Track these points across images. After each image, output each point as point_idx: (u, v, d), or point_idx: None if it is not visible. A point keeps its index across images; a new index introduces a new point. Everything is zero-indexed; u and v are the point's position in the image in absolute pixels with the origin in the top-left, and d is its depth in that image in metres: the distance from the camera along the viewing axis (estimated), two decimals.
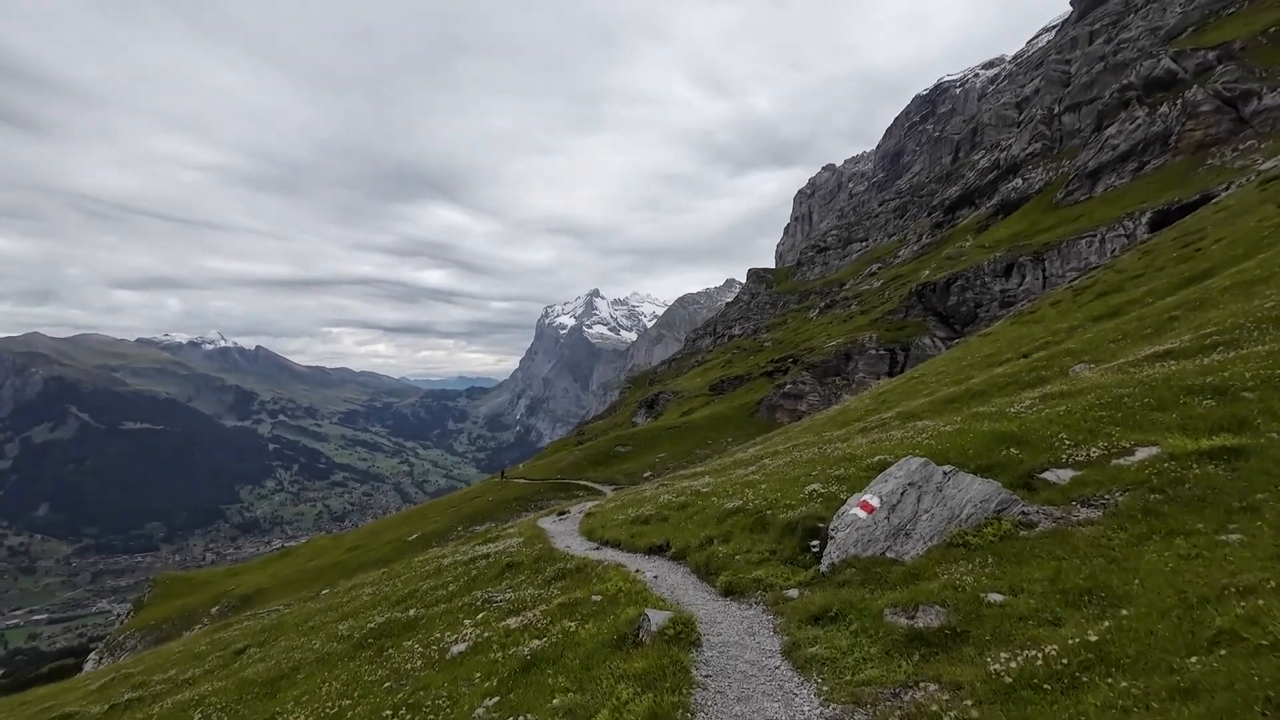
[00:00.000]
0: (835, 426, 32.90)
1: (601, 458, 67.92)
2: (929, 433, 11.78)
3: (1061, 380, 18.84)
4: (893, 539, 6.94)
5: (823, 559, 7.55)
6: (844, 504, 8.17)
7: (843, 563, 7.04)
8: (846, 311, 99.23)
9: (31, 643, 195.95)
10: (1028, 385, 21.70)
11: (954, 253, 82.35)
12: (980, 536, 6.38)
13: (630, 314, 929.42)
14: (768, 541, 8.91)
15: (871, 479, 9.23)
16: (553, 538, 15.70)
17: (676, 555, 10.47)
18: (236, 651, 14.08)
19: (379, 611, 12.56)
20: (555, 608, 8.22)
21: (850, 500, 8.08)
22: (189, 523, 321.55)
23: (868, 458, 11.23)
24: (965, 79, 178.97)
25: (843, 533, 7.41)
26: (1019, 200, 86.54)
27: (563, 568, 10.78)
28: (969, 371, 34.20)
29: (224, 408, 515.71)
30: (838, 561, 7.13)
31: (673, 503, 14.18)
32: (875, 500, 7.45)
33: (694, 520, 11.78)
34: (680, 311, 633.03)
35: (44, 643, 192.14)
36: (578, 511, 20.90)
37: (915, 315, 76.74)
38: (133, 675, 15.89)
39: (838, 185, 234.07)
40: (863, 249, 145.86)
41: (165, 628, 61.86)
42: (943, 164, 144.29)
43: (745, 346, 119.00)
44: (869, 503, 7.49)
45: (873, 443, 13.59)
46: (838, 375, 75.29)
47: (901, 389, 39.18)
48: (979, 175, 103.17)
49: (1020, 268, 65.93)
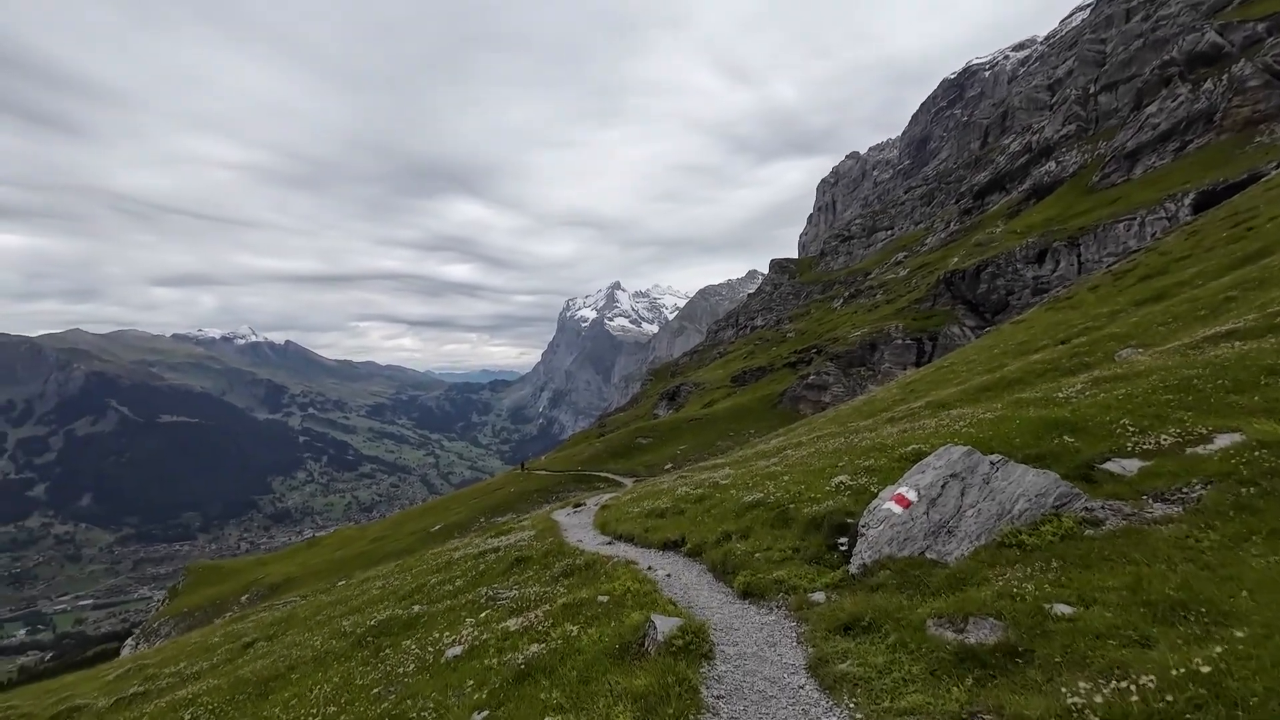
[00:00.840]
0: (861, 417, 31.84)
1: (622, 450, 67.60)
2: (967, 420, 10.85)
3: (1109, 365, 17.62)
4: (933, 537, 6.13)
5: (852, 559, 6.76)
6: (876, 498, 7.36)
7: (875, 563, 6.25)
8: (871, 301, 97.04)
9: (78, 627, 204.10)
10: (1069, 372, 20.46)
11: (984, 239, 79.79)
12: (1037, 535, 5.53)
13: (651, 306, 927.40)
14: (790, 538, 8.14)
15: (905, 470, 8.39)
16: (565, 531, 15.13)
17: (692, 552, 9.77)
18: (245, 645, 13.84)
19: (385, 606, 12.12)
20: (559, 608, 7.58)
21: (883, 494, 7.27)
22: (224, 513, 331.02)
23: (900, 447, 10.36)
24: (994, 61, 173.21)
25: (875, 529, 6.62)
26: (1052, 184, 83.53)
27: (571, 564, 10.16)
28: (1002, 359, 32.86)
29: (256, 401, 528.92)
30: (869, 562, 6.34)
31: (690, 495, 13.46)
32: (912, 493, 6.64)
33: (711, 514, 11.06)
34: (702, 303, 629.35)
35: (89, 627, 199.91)
36: (594, 504, 20.33)
37: (943, 304, 74.60)
38: (147, 667, 15.83)
39: (862, 173, 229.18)
40: (888, 237, 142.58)
41: (197, 615, 63.39)
42: (971, 150, 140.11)
43: (768, 337, 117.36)
44: (905, 496, 6.68)
45: (903, 432, 12.68)
46: (863, 366, 73.66)
47: (930, 378, 37.86)
48: (1010, 159, 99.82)
49: (1054, 253, 63.48)
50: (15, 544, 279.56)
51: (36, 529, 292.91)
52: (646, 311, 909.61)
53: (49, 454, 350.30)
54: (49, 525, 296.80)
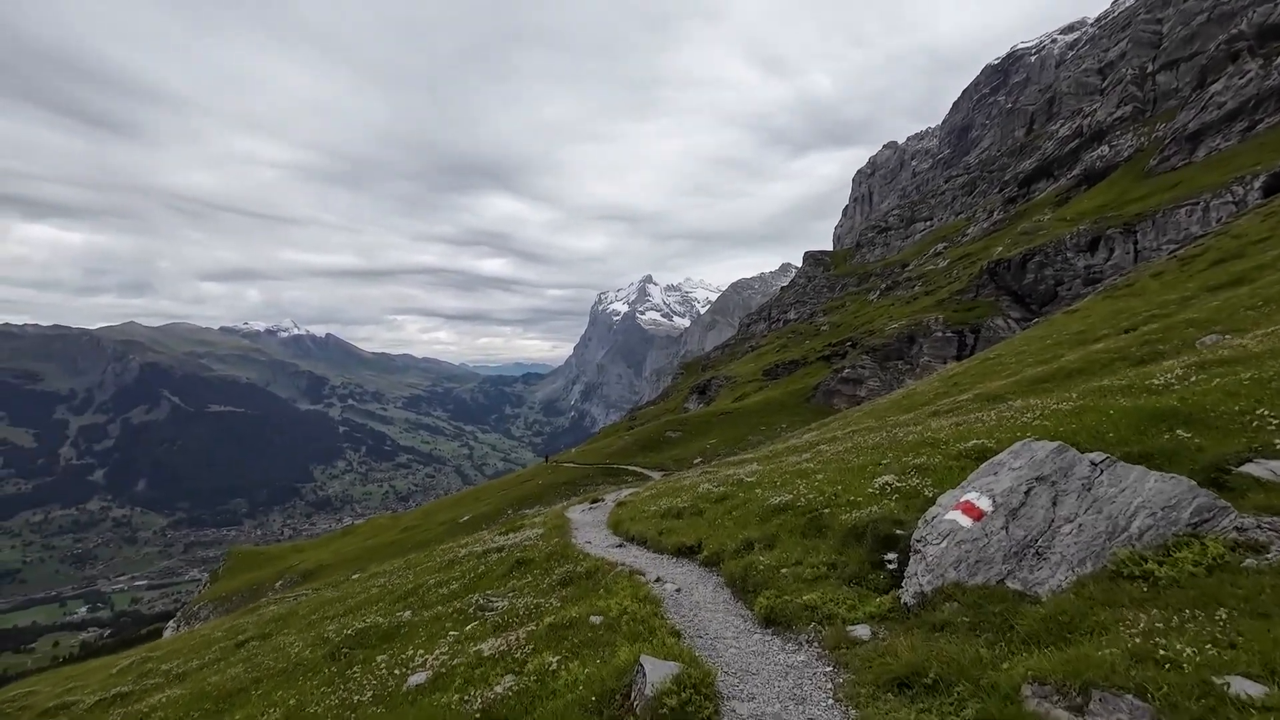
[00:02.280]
0: (900, 411, 29.97)
1: (651, 443, 66.55)
2: (1036, 412, 9.18)
3: (1192, 352, 15.57)
4: (1016, 560, 4.65)
5: (905, 582, 5.31)
6: (934, 505, 5.88)
7: (938, 592, 4.80)
8: (910, 293, 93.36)
9: (134, 606, 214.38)
10: (1141, 361, 18.41)
11: (1030, 227, 75.75)
12: (1173, 565, 3.99)
13: (683, 300, 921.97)
14: (825, 550, 6.71)
15: (967, 470, 6.85)
16: (576, 530, 13.94)
17: (708, 561, 8.42)
18: (238, 644, 13.13)
19: (376, 609, 11.15)
20: (544, 630, 6.35)
21: (944, 499, 5.79)
22: (269, 499, 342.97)
23: (956, 442, 8.78)
24: (1041, 45, 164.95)
25: (936, 546, 5.15)
26: (1105, 170, 78.96)
27: (571, 570, 8.94)
28: (1057, 350, 30.56)
29: (298, 392, 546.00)
30: (929, 590, 4.88)
31: (711, 494, 12.07)
32: (984, 501, 5.15)
33: (733, 516, 9.67)
34: (734, 297, 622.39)
35: (144, 606, 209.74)
36: (612, 500, 19.13)
37: (986, 295, 71.09)
38: (149, 661, 15.37)
39: (900, 164, 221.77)
40: (927, 228, 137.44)
41: (234, 599, 64.95)
42: (1015, 137, 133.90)
43: (801, 331, 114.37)
44: (974, 505, 5.19)
45: (958, 425, 11.03)
46: (900, 359, 70.79)
47: (976, 371, 35.58)
48: (1058, 145, 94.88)
49: (1108, 241, 59.69)
50: (77, 526, 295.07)
51: (96, 512, 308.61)
52: (678, 305, 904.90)
53: (107, 441, 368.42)
54: (107, 509, 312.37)
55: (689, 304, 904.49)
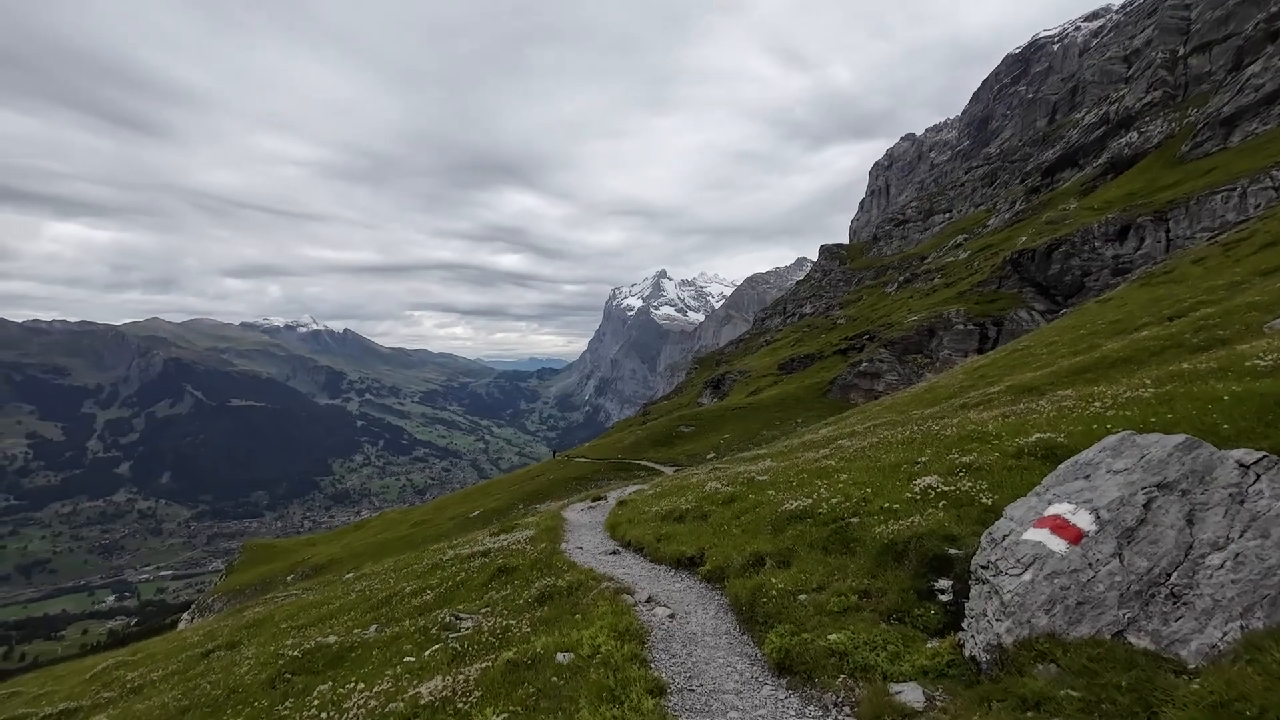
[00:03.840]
0: (923, 405, 28.39)
1: (664, 438, 65.39)
2: (1106, 401, 7.66)
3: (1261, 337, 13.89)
4: (1141, 603, 3.24)
5: (969, 626, 3.90)
6: (1001, 518, 4.45)
7: (1024, 645, 3.40)
8: (929, 285, 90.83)
9: (159, 595, 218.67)
10: (1199, 348, 16.71)
11: (1055, 217, 73.13)
12: None
13: (698, 295, 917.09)
14: (854, 572, 5.30)
15: (1035, 471, 5.38)
16: (570, 532, 12.65)
17: (711, 576, 7.06)
18: (204, 653, 12.09)
19: (346, 620, 9.99)
20: (501, 667, 5.06)
21: (1015, 511, 4.36)
22: (289, 492, 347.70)
23: (1013, 436, 7.28)
24: (1064, 33, 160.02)
25: (1015, 578, 3.74)
26: (1133, 157, 76.20)
27: (552, 585, 7.65)
28: (1093, 340, 28.83)
29: (317, 387, 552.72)
30: (1011, 642, 3.47)
31: (718, 494, 10.69)
32: (1083, 516, 3.73)
33: (740, 523, 8.29)
34: (749, 291, 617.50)
35: (169, 596, 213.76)
36: (614, 498, 17.82)
37: (1009, 287, 68.78)
38: (120, 667, 14.45)
39: (918, 156, 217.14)
40: (946, 220, 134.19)
41: (247, 592, 64.98)
42: (1037, 127, 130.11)
43: (817, 325, 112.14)
44: (1067, 521, 3.77)
45: (1005, 417, 9.50)
46: (919, 353, 68.72)
47: (1003, 362, 33.87)
48: (1083, 133, 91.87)
49: (1138, 230, 57.27)
50: (105, 517, 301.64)
51: (123, 504, 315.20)
52: (693, 300, 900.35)
53: (133, 434, 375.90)
54: (134, 501, 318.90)
55: (703, 299, 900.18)
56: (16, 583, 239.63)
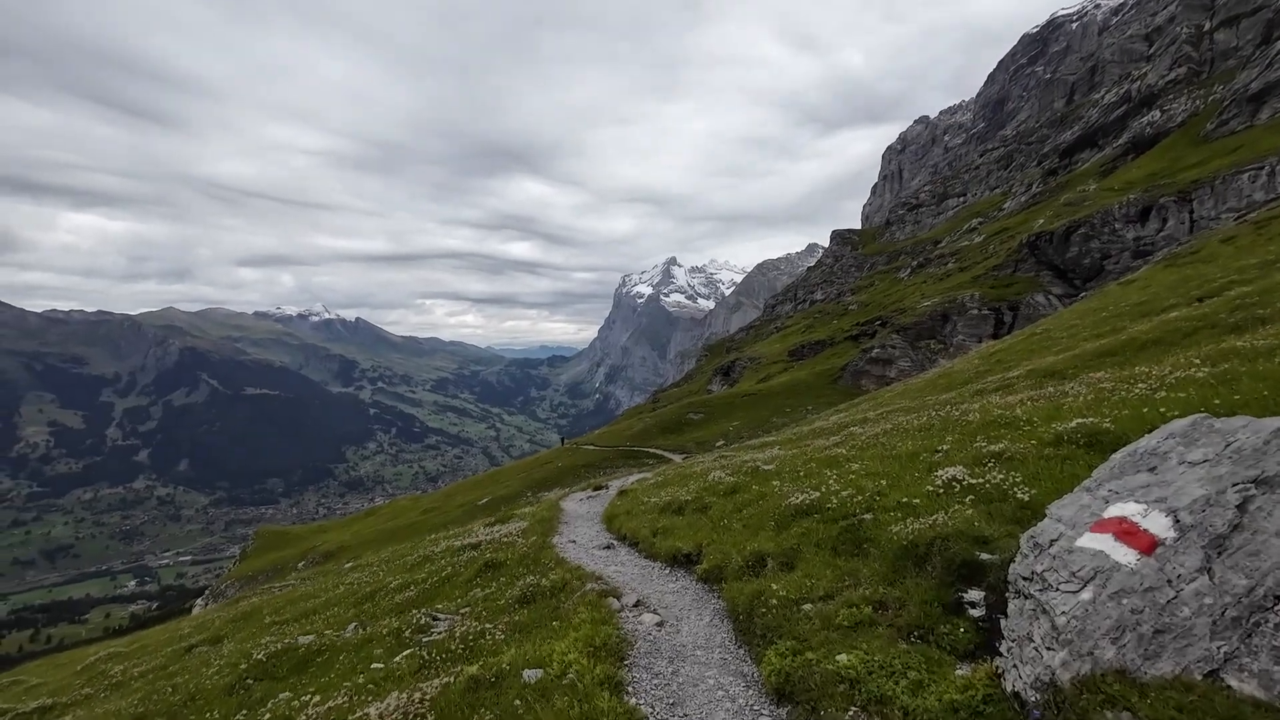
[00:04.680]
0: (938, 391, 27.52)
1: (672, 425, 64.90)
2: (1151, 382, 6.84)
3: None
4: (1242, 633, 2.51)
5: (1010, 652, 3.18)
6: (1045, 517, 3.71)
7: (1086, 684, 2.67)
8: (943, 270, 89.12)
9: (179, 580, 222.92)
10: (1237, 328, 15.75)
11: (1074, 199, 71.18)
12: None
13: (708, 282, 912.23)
14: (867, 578, 4.59)
15: (1079, 462, 4.61)
16: (565, 524, 12.03)
17: (708, 576, 6.39)
18: (188, 648, 11.71)
19: (326, 617, 9.46)
20: (462, 685, 4.43)
21: (1063, 510, 3.61)
22: (303, 479, 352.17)
23: (1048, 422, 6.48)
24: (1083, 11, 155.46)
25: (1071, 596, 3.01)
26: (1155, 136, 73.92)
27: (536, 584, 7.02)
28: (1116, 322, 27.78)
29: (330, 375, 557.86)
30: (1068, 680, 2.74)
31: (720, 484, 9.98)
32: (1157, 518, 2.98)
33: (742, 516, 7.59)
34: (759, 278, 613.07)
35: (189, 580, 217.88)
36: (616, 487, 17.21)
37: (1026, 270, 67.24)
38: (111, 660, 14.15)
39: (931, 139, 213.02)
40: (960, 204, 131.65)
41: (259, 578, 65.67)
42: (1055, 108, 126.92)
43: (828, 311, 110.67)
44: (1138, 525, 3.03)
45: (1033, 400, 8.66)
46: (932, 338, 67.48)
47: (1020, 347, 32.85)
48: (1103, 112, 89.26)
49: (1160, 210, 55.54)
50: (125, 504, 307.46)
51: (142, 490, 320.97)
52: (703, 287, 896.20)
53: (150, 422, 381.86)
54: (152, 487, 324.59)
55: (713, 286, 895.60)
56: (41, 567, 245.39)
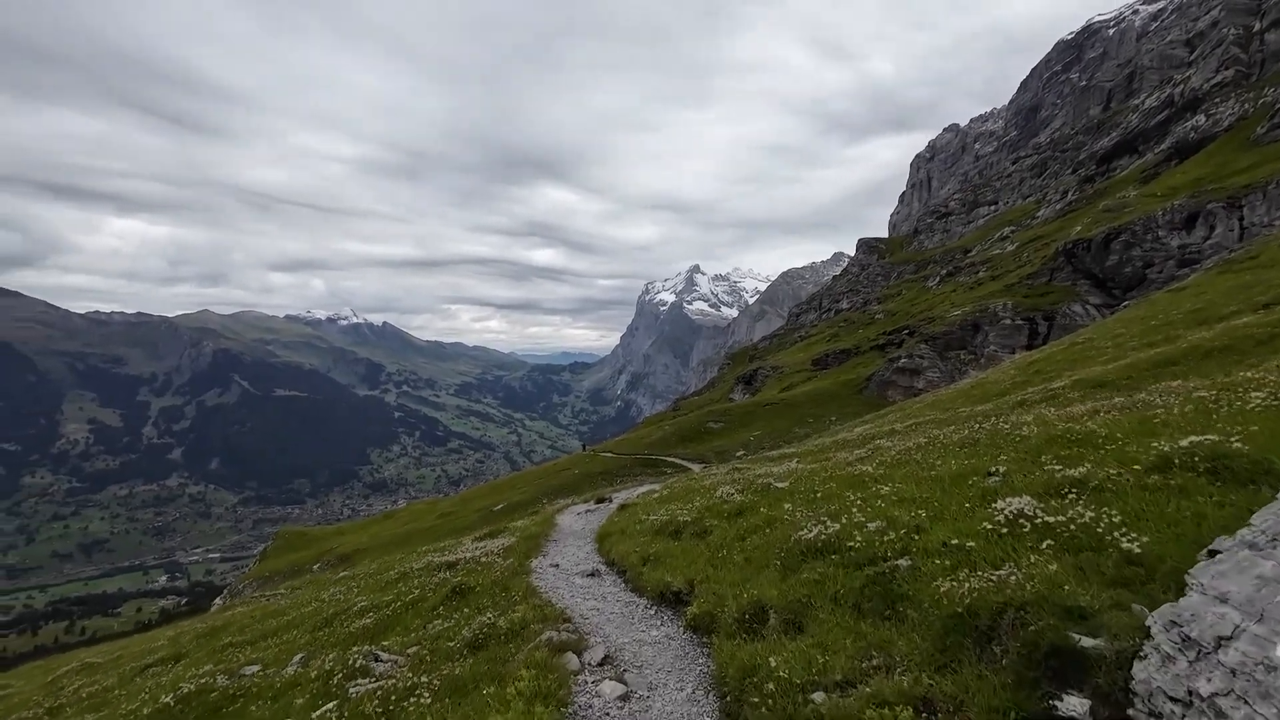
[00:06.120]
0: (971, 402, 25.68)
1: (692, 434, 63.55)
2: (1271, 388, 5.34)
3: None
4: None
5: None
6: (1193, 594, 2.35)
7: None
8: (973, 278, 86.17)
9: (208, 576, 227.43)
10: None
11: (1114, 205, 68.12)
12: None
13: (731, 290, 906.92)
14: (905, 658, 3.19)
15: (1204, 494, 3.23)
16: (553, 542, 10.79)
17: (697, 623, 5.08)
18: (144, 667, 10.78)
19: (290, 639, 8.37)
20: None
21: (1230, 586, 2.25)
22: (329, 480, 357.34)
23: (1139, 438, 4.93)
24: (1121, 16, 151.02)
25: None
26: (1200, 141, 70.54)
27: (491, 625, 5.78)
28: (1169, 331, 25.70)
29: (356, 378, 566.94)
30: None
31: (724, 504, 8.61)
32: None
33: (745, 547, 6.21)
34: (784, 287, 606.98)
35: (217, 577, 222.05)
36: (620, 500, 15.93)
37: (1062, 279, 64.34)
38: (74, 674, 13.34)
39: (961, 147, 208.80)
40: (991, 213, 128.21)
41: (275, 579, 65.73)
42: (1090, 115, 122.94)
43: (853, 320, 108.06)
44: None
45: (1104, 412, 7.06)
46: (962, 348, 64.84)
47: (1061, 357, 30.76)
48: (1144, 117, 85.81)
49: (1208, 217, 52.52)
50: (158, 500, 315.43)
51: (175, 488, 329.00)
52: (726, 295, 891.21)
53: (184, 422, 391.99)
54: (185, 485, 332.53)
55: (737, 294, 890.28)
56: (79, 561, 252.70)
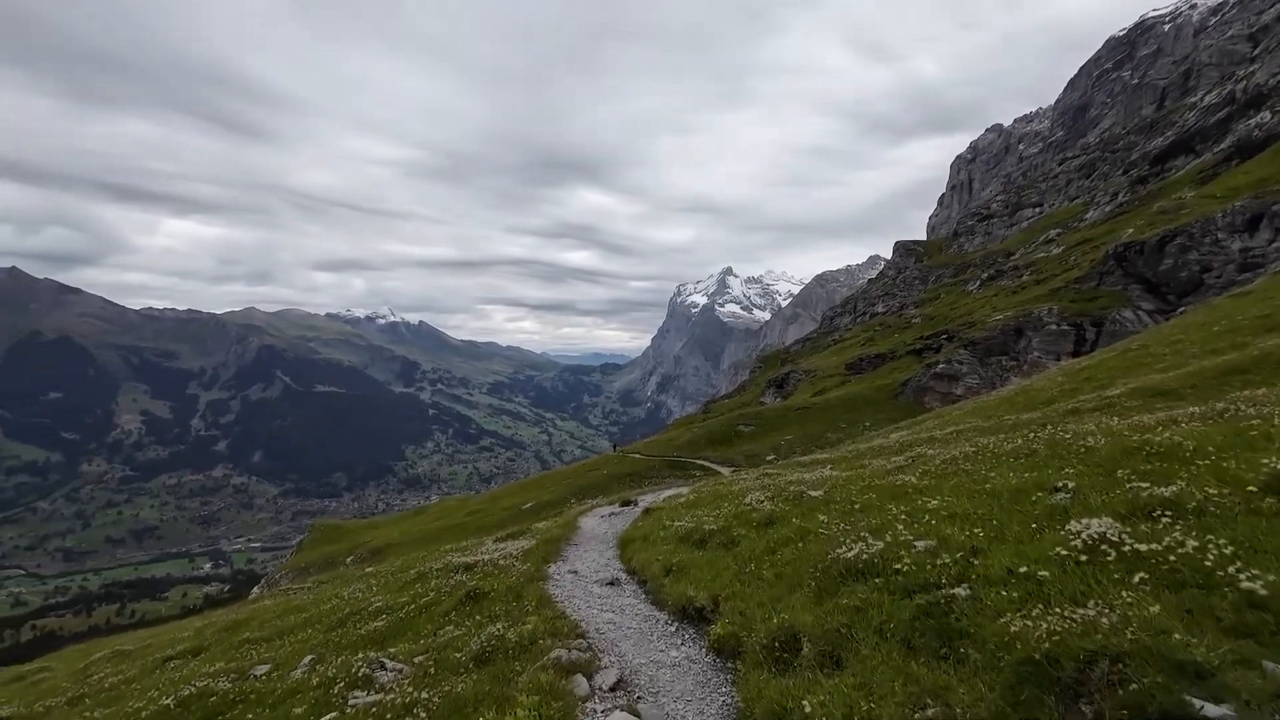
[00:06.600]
0: (1016, 409, 24.41)
1: (721, 437, 62.71)
2: None
3: None
4: None
5: None
6: None
7: None
8: (1016, 282, 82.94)
9: (250, 565, 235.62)
10: None
11: (1169, 206, 64.54)
12: None
13: (764, 292, 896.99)
14: (968, 710, 2.71)
15: None
16: (573, 547, 10.41)
17: (722, 645, 4.60)
18: (166, 659, 10.80)
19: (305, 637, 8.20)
20: None
21: None
22: (366, 475, 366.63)
23: (1238, 452, 4.25)
24: (1177, 11, 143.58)
25: None
26: (1264, 140, 66.25)
27: (500, 637, 5.41)
28: (1234, 337, 24.13)
29: (393, 375, 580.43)
30: None
31: (754, 513, 8.07)
32: None
33: (775, 562, 5.70)
34: (818, 290, 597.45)
35: (258, 566, 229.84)
36: (646, 503, 15.48)
37: (1111, 283, 61.11)
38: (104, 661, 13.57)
39: (1005, 148, 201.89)
40: (1036, 215, 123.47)
41: (310, 570, 67.30)
42: (1143, 114, 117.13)
43: (889, 324, 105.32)
44: None
45: (1186, 422, 6.26)
46: (1004, 354, 62.23)
47: (1113, 364, 29.09)
48: (1202, 115, 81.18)
49: (1273, 219, 49.13)
50: (204, 490, 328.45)
51: (220, 479, 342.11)
52: (758, 298, 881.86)
53: (229, 415, 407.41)
54: (229, 476, 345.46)
55: (769, 297, 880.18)
56: (130, 546, 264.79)
